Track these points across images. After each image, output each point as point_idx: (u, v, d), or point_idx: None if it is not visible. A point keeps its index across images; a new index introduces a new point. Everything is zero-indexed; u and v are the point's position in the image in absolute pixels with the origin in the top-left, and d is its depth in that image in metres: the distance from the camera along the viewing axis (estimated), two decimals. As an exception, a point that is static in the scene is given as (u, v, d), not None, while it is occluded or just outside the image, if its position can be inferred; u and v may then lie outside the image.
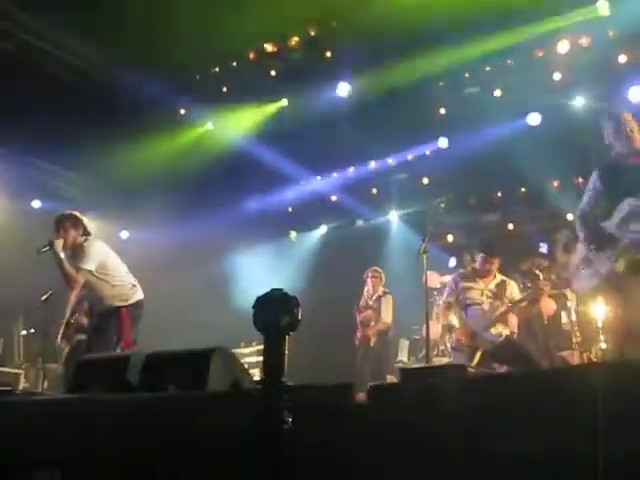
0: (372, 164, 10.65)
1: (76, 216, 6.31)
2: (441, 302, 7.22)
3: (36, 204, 10.60)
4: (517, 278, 7.62)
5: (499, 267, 6.76)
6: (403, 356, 8.93)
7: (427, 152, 10.30)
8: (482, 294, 6.62)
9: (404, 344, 8.99)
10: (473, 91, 9.54)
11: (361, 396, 3.43)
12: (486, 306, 6.56)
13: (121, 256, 6.48)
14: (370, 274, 9.13)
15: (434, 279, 8.14)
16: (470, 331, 6.45)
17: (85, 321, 7.18)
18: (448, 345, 6.76)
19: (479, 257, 6.74)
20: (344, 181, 10.81)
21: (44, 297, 7.44)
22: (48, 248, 6.10)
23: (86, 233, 6.28)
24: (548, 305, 7.56)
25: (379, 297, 8.99)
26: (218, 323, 9.06)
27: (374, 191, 11.20)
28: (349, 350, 9.01)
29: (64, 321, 6.75)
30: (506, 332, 6.44)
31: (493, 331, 6.44)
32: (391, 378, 8.03)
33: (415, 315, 8.25)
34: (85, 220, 6.37)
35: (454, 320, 6.58)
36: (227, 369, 4.19)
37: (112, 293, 6.20)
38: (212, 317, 9.37)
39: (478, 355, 6.32)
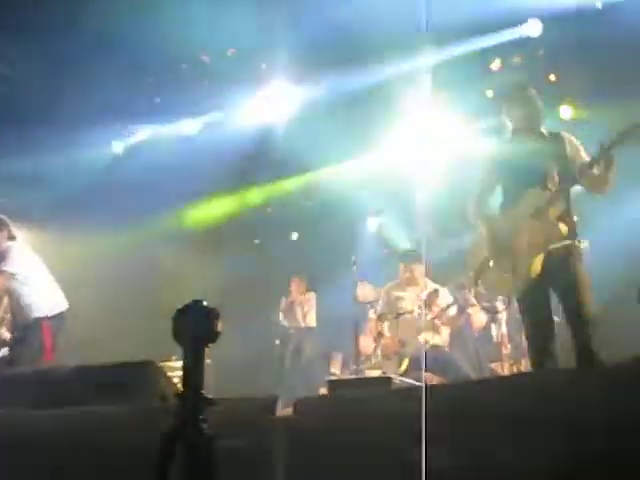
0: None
1: (1, 219, 6.20)
2: (374, 315, 7.28)
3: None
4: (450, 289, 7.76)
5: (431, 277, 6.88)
6: (336, 368, 8.94)
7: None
8: (413, 303, 6.75)
9: (337, 356, 9.01)
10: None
11: (289, 402, 3.44)
12: (416, 315, 6.67)
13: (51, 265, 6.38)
14: (293, 283, 9.34)
15: (368, 292, 8.16)
16: (399, 339, 6.54)
17: (7, 334, 6.95)
18: (379, 353, 6.82)
19: (400, 266, 6.89)
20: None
21: None
22: None
23: (11, 237, 6.18)
24: (478, 317, 7.65)
25: (302, 300, 9.19)
26: (149, 334, 8.95)
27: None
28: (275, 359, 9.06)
29: None
30: (436, 341, 6.51)
31: (422, 339, 6.50)
32: (323, 389, 8.05)
33: (349, 328, 8.27)
34: (10, 225, 6.26)
35: (385, 329, 6.66)
36: (155, 383, 4.18)
37: (33, 301, 6.06)
38: (143, 328, 9.22)
39: (405, 363, 6.39)
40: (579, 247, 4.48)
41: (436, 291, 6.82)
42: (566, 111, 8.53)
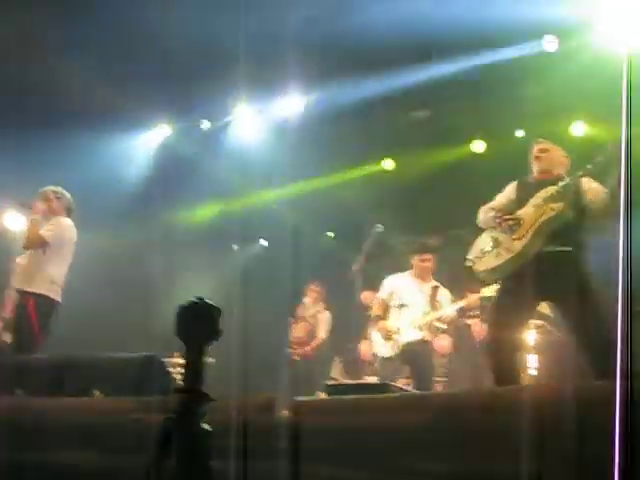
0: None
1: (59, 191, 6.37)
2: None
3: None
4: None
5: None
6: (337, 374, 8.97)
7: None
8: (415, 296, 6.86)
9: (338, 362, 9.03)
10: (421, 115, 9.69)
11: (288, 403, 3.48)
12: (417, 307, 6.79)
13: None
14: (312, 287, 9.19)
15: (370, 298, 8.19)
16: (397, 326, 6.69)
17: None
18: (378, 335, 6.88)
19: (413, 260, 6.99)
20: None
21: None
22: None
23: (69, 211, 6.33)
24: (479, 327, 7.71)
25: (317, 312, 9.05)
26: (153, 329, 8.97)
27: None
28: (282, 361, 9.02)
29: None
30: (429, 339, 6.81)
31: (419, 332, 6.72)
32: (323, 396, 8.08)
33: (351, 334, 8.33)
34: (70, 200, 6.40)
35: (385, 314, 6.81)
36: (157, 377, 4.23)
37: (36, 276, 6.01)
38: (148, 322, 9.23)
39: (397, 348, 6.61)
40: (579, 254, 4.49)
41: (436, 287, 6.92)
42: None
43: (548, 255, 4.37)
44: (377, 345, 6.84)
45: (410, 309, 6.79)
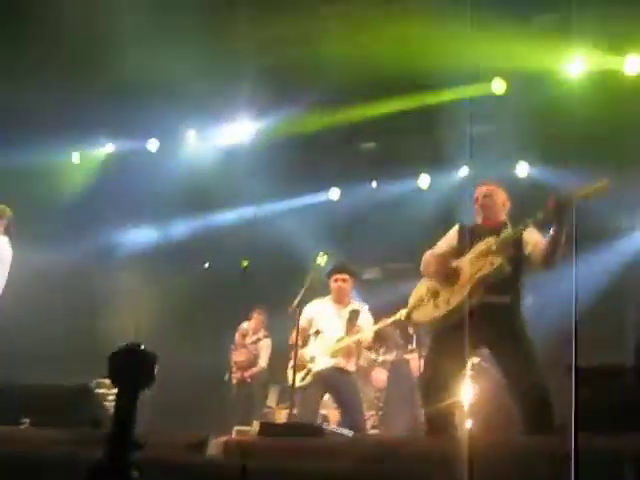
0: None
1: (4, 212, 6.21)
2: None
3: None
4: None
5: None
6: (272, 402, 8.95)
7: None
8: (332, 321, 6.45)
9: (275, 390, 9.02)
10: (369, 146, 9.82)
11: (219, 442, 3.46)
12: (332, 333, 6.38)
13: None
14: (256, 313, 9.13)
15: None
16: (310, 356, 6.36)
17: None
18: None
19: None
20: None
21: None
22: None
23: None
24: (416, 363, 7.77)
25: (258, 340, 9.02)
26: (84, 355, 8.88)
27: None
28: (219, 388, 8.98)
29: None
30: (342, 364, 6.30)
31: (332, 359, 6.29)
32: (256, 425, 8.06)
33: (287, 362, 8.32)
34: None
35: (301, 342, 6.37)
36: (89, 408, 4.18)
37: None
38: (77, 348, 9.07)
39: (305, 373, 6.28)
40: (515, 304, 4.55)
41: (356, 311, 6.42)
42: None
43: (485, 305, 4.41)
44: (291, 375, 6.48)
45: (325, 335, 6.39)
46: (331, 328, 6.40)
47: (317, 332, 6.41)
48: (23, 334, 8.11)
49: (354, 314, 6.38)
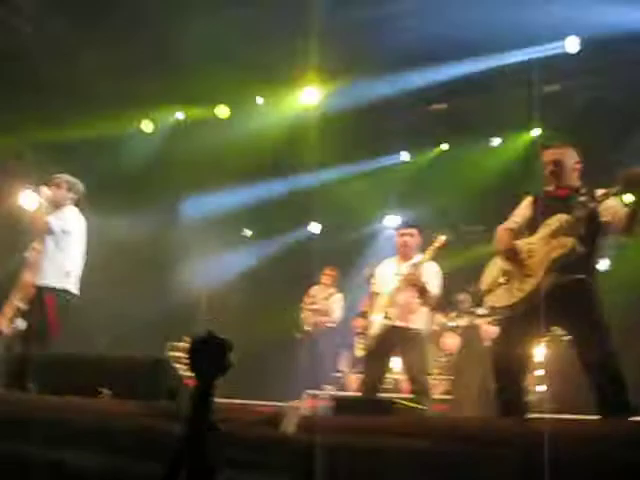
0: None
1: (72, 181, 6.15)
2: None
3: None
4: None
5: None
6: (343, 366, 9.01)
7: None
8: (390, 278, 6.06)
9: (345, 355, 9.07)
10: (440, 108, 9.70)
11: (293, 417, 3.48)
12: (388, 289, 6.02)
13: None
14: (327, 271, 9.16)
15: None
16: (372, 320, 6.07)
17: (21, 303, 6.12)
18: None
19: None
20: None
21: None
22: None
23: (76, 202, 6.11)
24: (487, 329, 7.74)
25: (330, 295, 9.06)
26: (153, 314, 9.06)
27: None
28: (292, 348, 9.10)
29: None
30: (406, 324, 5.92)
31: (388, 319, 5.92)
32: (330, 389, 8.18)
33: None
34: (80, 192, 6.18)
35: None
36: (165, 380, 4.25)
37: (51, 270, 5.85)
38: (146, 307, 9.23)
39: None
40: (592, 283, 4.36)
41: (417, 265, 5.87)
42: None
43: (559, 286, 4.28)
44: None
45: (382, 294, 6.05)
46: (388, 285, 6.03)
47: (377, 293, 6.11)
48: (100, 305, 8.33)
49: (414, 268, 5.86)
